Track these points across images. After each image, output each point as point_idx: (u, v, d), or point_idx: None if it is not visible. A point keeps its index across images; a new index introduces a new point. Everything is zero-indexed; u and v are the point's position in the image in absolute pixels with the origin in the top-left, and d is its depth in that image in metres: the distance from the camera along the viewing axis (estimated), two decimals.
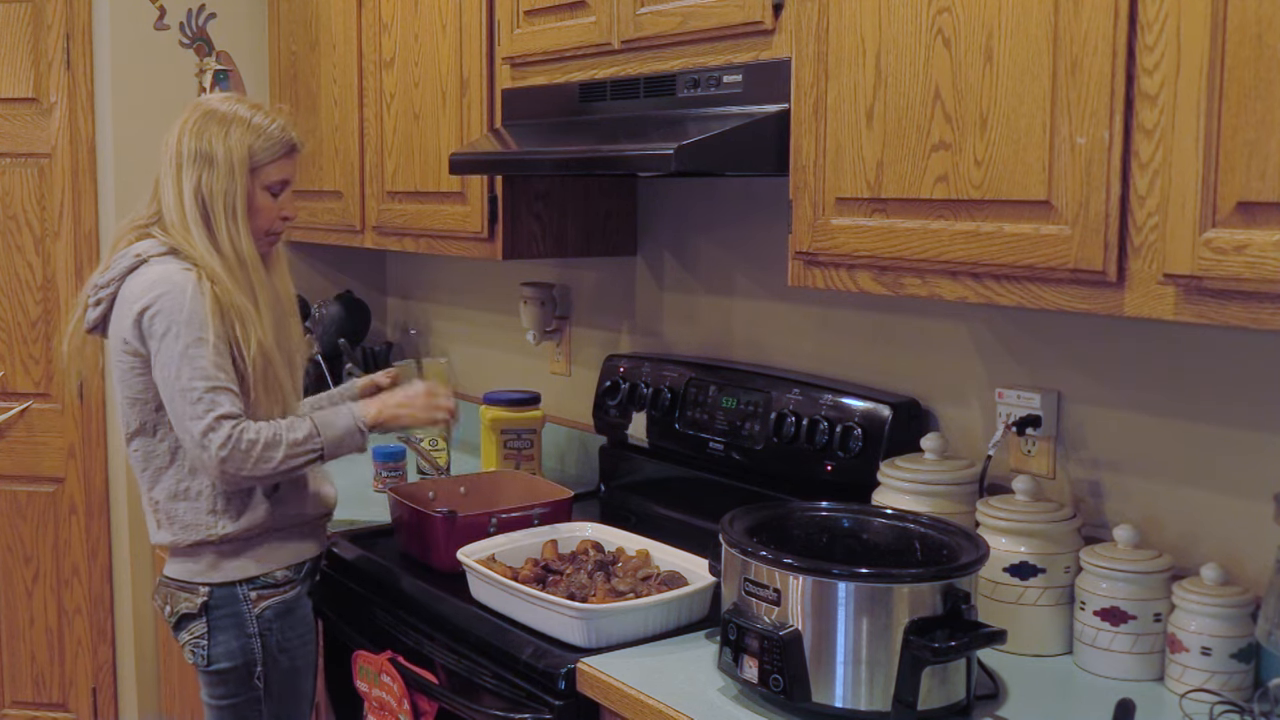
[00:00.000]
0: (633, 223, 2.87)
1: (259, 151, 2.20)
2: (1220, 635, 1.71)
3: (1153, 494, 1.93)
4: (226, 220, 2.17)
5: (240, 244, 2.17)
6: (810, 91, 1.91)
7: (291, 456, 2.11)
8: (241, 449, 2.06)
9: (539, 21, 2.48)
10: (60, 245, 3.47)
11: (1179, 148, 1.44)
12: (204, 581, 2.22)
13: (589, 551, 2.25)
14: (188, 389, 2.07)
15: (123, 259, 2.19)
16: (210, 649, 2.22)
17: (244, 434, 2.07)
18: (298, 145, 2.28)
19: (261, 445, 2.08)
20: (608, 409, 2.78)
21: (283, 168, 2.24)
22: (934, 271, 1.77)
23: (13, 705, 3.63)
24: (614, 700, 1.82)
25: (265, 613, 2.23)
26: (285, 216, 2.27)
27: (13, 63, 3.42)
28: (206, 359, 2.07)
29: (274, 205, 2.24)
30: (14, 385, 3.52)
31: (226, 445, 2.05)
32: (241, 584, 2.22)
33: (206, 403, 2.06)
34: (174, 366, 2.08)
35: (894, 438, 2.20)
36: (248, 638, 2.22)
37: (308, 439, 2.13)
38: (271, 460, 2.09)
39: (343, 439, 2.18)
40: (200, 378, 2.07)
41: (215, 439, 2.05)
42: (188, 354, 2.07)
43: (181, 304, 2.09)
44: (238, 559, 2.22)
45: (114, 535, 3.57)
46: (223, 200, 2.17)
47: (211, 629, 2.22)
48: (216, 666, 2.22)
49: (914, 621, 1.61)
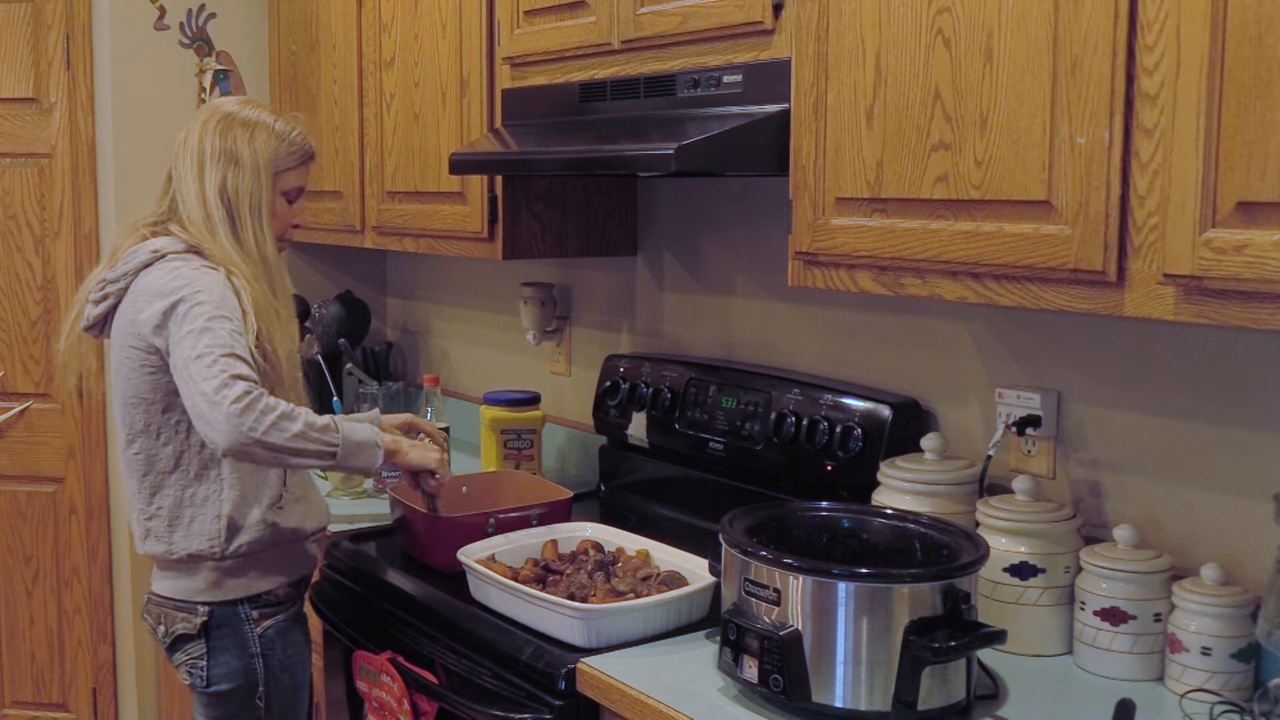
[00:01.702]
0: (633, 223, 2.87)
1: (282, 157, 2.19)
2: (1220, 635, 1.71)
3: (1153, 494, 1.93)
4: (252, 221, 2.14)
5: (265, 245, 2.15)
6: (810, 91, 1.91)
7: (306, 437, 1.97)
8: (259, 409, 1.92)
9: (539, 21, 2.48)
10: (60, 245, 3.48)
11: (1179, 148, 1.44)
12: (204, 601, 2.15)
13: (589, 551, 2.25)
14: (203, 355, 1.95)
15: (137, 254, 2.12)
16: (210, 670, 2.15)
17: (263, 397, 1.94)
18: (314, 154, 2.28)
19: (279, 413, 1.94)
20: (608, 409, 2.78)
21: (300, 175, 2.25)
22: (934, 271, 1.77)
23: (13, 705, 3.63)
24: (614, 700, 1.82)
25: (268, 632, 2.18)
26: (296, 224, 2.27)
27: (13, 63, 3.42)
28: (226, 332, 1.98)
29: (289, 212, 2.24)
30: (14, 385, 3.53)
31: (242, 400, 1.91)
32: (243, 603, 2.16)
33: (222, 364, 1.94)
34: (193, 339, 1.97)
35: (894, 438, 2.20)
36: (250, 658, 2.16)
37: (326, 429, 2.01)
38: (286, 431, 1.94)
39: (360, 448, 2.07)
40: (217, 346, 1.95)
41: (230, 393, 1.91)
42: (210, 327, 1.98)
43: (210, 293, 2.02)
44: (242, 576, 2.16)
45: (114, 535, 3.57)
46: (249, 201, 2.14)
47: (211, 649, 2.15)
48: (216, 688, 2.16)
49: (914, 621, 1.61)
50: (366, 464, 2.10)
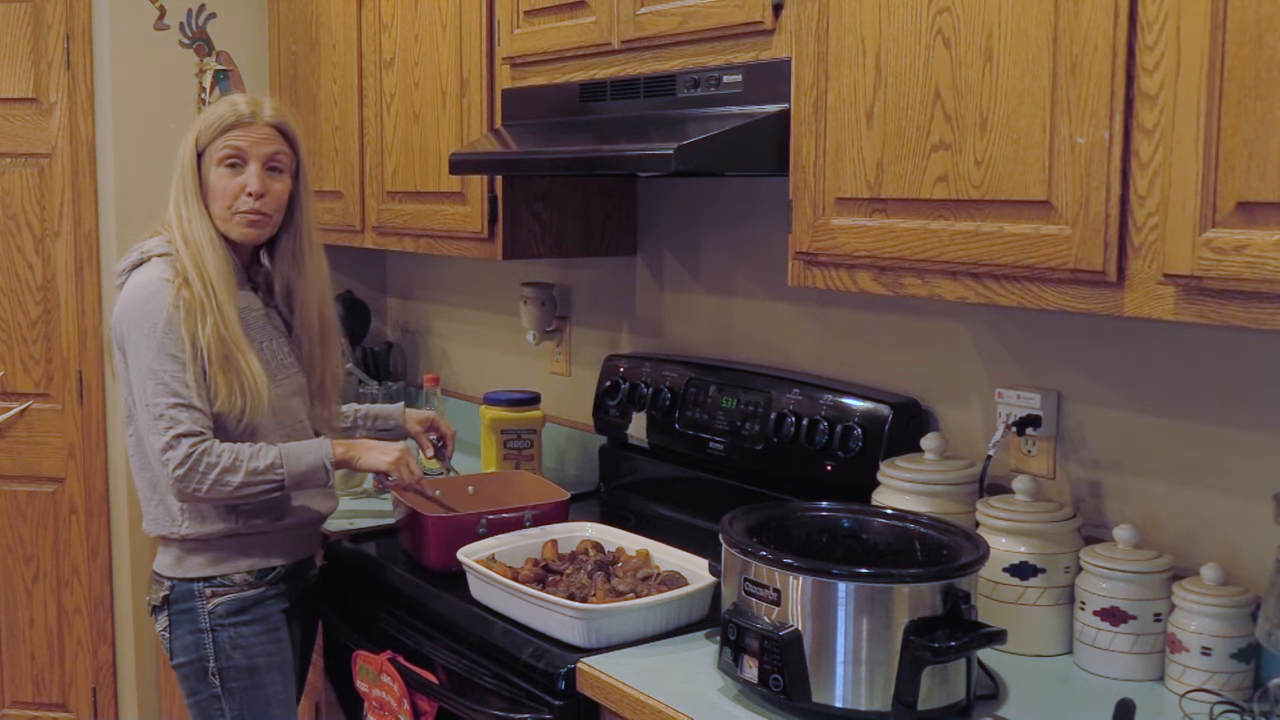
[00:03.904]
0: (633, 223, 2.87)
1: (202, 133, 2.24)
2: (1220, 635, 1.71)
3: (1153, 494, 1.93)
4: (185, 208, 2.22)
5: (192, 228, 2.20)
6: (810, 91, 1.91)
7: (249, 484, 2.12)
8: (200, 470, 2.09)
9: (539, 21, 2.48)
10: (60, 245, 3.47)
11: (1179, 148, 1.44)
12: (169, 575, 2.26)
13: (589, 551, 2.25)
14: (151, 404, 2.11)
15: (132, 254, 2.25)
16: (172, 642, 2.26)
17: (205, 455, 2.09)
18: (244, 117, 2.22)
19: (220, 469, 2.10)
20: (608, 409, 2.78)
21: (229, 140, 2.21)
22: (934, 271, 1.77)
23: (13, 705, 3.63)
24: (614, 700, 1.82)
25: (217, 608, 2.23)
26: (251, 193, 2.20)
27: (13, 63, 3.42)
28: (171, 374, 2.11)
29: (232, 182, 2.21)
30: (14, 385, 3.52)
31: (184, 464, 2.08)
32: (199, 581, 2.24)
33: (168, 419, 2.09)
34: (140, 380, 2.13)
35: (894, 438, 2.20)
36: (200, 633, 2.23)
37: (269, 469, 2.14)
38: (229, 485, 2.11)
39: (306, 475, 2.18)
40: (165, 393, 2.10)
41: (174, 457, 2.08)
42: (154, 368, 2.11)
43: (155, 316, 2.12)
44: (198, 556, 2.24)
45: (114, 535, 3.57)
46: (180, 191, 2.23)
47: (172, 622, 2.25)
48: (177, 660, 2.26)
49: (914, 621, 1.61)
50: (319, 484, 2.22)
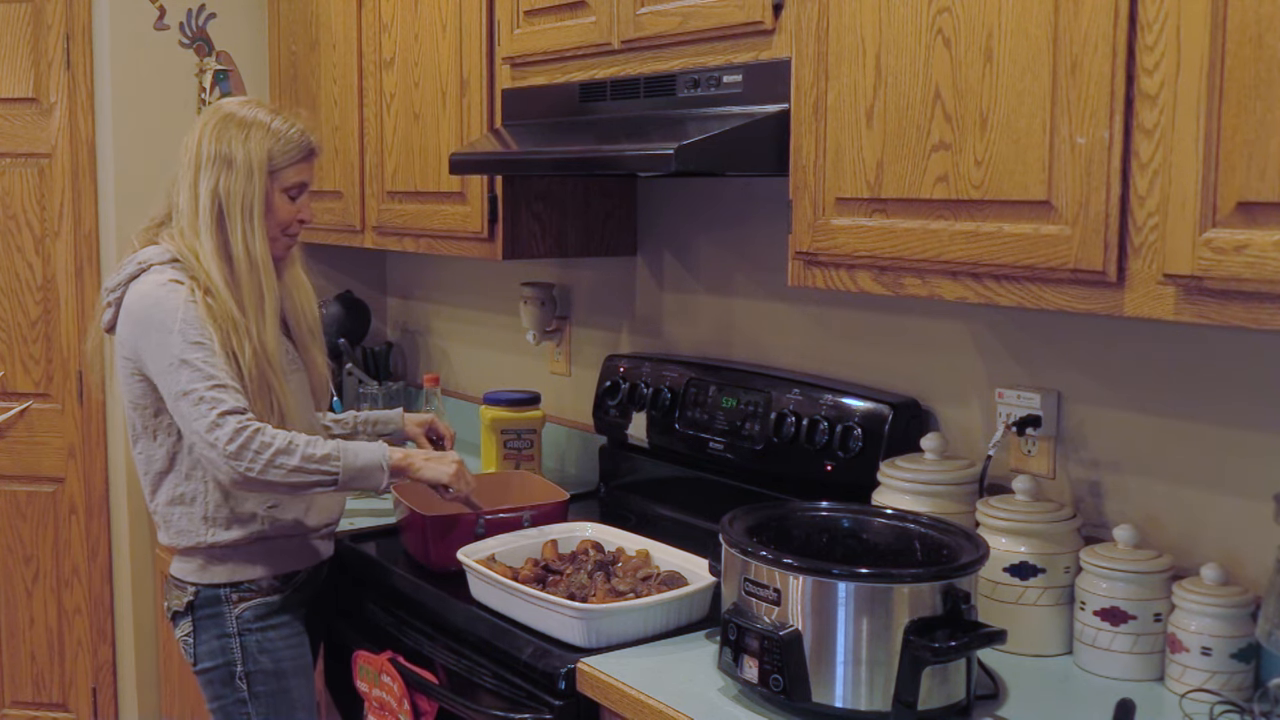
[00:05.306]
0: (633, 223, 2.87)
1: (278, 155, 2.21)
2: (1220, 635, 1.71)
3: (1153, 494, 1.93)
4: (243, 221, 2.17)
5: (254, 246, 2.18)
6: (810, 91, 1.91)
7: (303, 470, 2.05)
8: (253, 448, 2.02)
9: (539, 21, 2.48)
10: (60, 245, 3.48)
11: (1179, 148, 1.44)
12: (193, 581, 2.25)
13: (589, 551, 2.25)
14: (189, 391, 2.05)
15: (128, 265, 2.20)
16: (196, 648, 2.25)
17: (258, 434, 2.03)
18: (316, 149, 2.29)
19: (274, 449, 2.02)
20: (608, 409, 2.78)
21: (301, 171, 2.25)
22: (934, 271, 1.77)
23: (13, 705, 3.63)
24: (614, 700, 1.82)
25: (245, 613, 2.23)
26: (302, 220, 2.28)
27: (13, 63, 3.42)
28: (202, 359, 2.06)
29: (291, 208, 2.26)
30: (14, 385, 3.53)
31: (235, 440, 2.01)
32: (225, 586, 2.24)
33: (209, 401, 2.03)
34: (173, 374, 2.07)
35: (894, 438, 2.20)
36: (227, 637, 2.23)
37: (325, 459, 2.07)
38: (282, 468, 2.03)
39: (361, 473, 2.10)
40: (200, 378, 2.05)
41: (222, 435, 2.01)
42: (183, 357, 2.06)
43: (174, 316, 2.09)
44: (225, 564, 2.23)
45: (114, 536, 3.57)
46: (240, 202, 2.17)
47: (196, 628, 2.25)
48: (201, 666, 2.25)
49: (914, 621, 1.61)
50: (373, 486, 2.14)
